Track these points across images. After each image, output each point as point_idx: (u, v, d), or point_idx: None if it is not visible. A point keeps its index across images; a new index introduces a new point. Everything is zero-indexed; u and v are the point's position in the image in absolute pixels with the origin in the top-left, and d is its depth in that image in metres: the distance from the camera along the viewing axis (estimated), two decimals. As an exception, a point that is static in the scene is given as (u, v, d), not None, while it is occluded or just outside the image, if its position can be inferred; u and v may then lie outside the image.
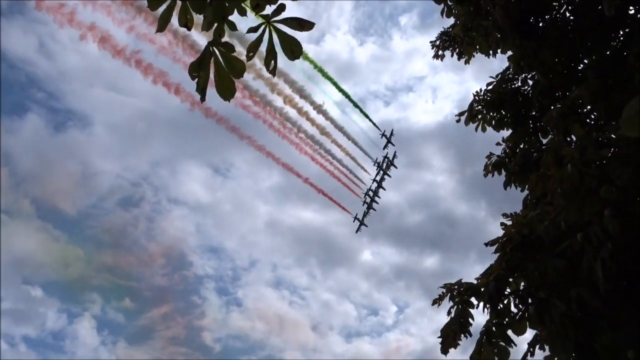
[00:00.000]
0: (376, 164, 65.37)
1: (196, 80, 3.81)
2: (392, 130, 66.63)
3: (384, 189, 66.00)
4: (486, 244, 6.86)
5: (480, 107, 10.46)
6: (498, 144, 10.45)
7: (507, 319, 6.47)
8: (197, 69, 3.77)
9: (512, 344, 6.39)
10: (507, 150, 10.22)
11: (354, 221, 65.32)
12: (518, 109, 10.31)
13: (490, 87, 10.65)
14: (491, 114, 10.40)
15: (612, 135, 6.44)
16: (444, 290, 6.76)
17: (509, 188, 9.75)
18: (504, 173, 10.03)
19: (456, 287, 6.70)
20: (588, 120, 7.92)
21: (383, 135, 66.00)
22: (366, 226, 66.11)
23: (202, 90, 3.80)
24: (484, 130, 10.49)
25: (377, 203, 65.62)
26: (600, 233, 4.86)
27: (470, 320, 6.53)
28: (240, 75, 3.68)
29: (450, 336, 6.36)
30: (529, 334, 6.70)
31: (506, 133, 10.54)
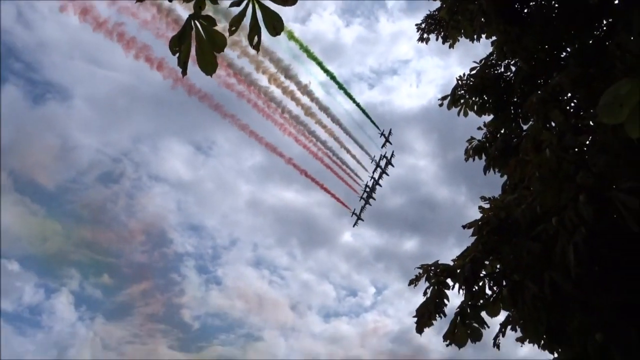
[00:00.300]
0: (374, 161, 66.68)
1: (177, 54, 3.76)
2: (390, 129, 67.88)
3: (380, 185, 67.30)
4: (464, 227, 6.95)
5: (463, 91, 10.53)
6: (479, 128, 10.55)
7: (481, 301, 6.60)
8: (178, 43, 3.70)
9: (485, 326, 6.53)
10: (488, 135, 10.33)
11: (351, 216, 66.88)
12: (500, 95, 10.39)
13: (473, 72, 10.70)
14: (473, 98, 10.47)
15: (591, 123, 6.54)
16: (421, 271, 6.85)
17: (489, 173, 9.87)
18: (484, 157, 10.14)
19: (432, 268, 6.80)
20: (568, 108, 8.01)
21: (382, 134, 67.22)
22: (362, 220, 67.53)
23: (183, 64, 3.75)
24: (466, 114, 10.57)
25: (374, 199, 67.04)
26: (575, 218, 4.95)
27: (446, 301, 6.63)
28: (222, 49, 3.63)
29: (425, 316, 6.47)
30: (503, 316, 6.85)
31: (488, 118, 10.65)
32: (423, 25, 12.84)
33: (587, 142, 6.00)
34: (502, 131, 10.22)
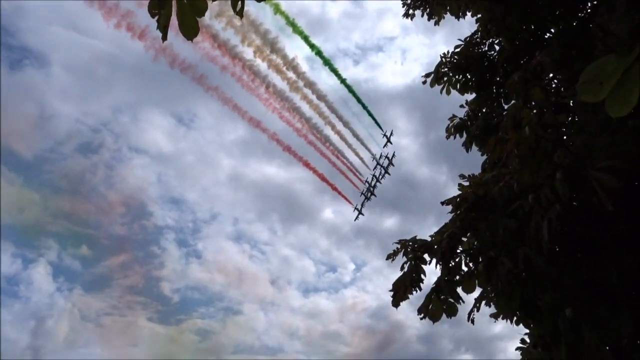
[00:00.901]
0: (374, 160, 68.34)
1: (157, 18, 3.67)
2: (392, 130, 69.95)
3: (380, 182, 68.78)
4: (442, 203, 7.01)
5: (446, 69, 10.53)
6: (461, 106, 10.57)
7: (457, 277, 6.70)
8: (158, 7, 3.61)
9: (461, 301, 6.64)
10: (470, 114, 10.36)
11: (353, 211, 68.21)
12: (483, 74, 10.41)
13: (457, 50, 10.68)
14: (457, 77, 10.48)
15: (571, 103, 6.59)
16: (399, 246, 6.92)
17: (470, 152, 9.95)
18: (465, 135, 10.20)
19: (410, 243, 6.87)
20: (549, 88, 8.07)
21: (384, 135, 68.99)
22: (363, 215, 68.80)
23: (163, 28, 3.65)
24: (448, 92, 10.59)
25: (375, 196, 68.19)
26: (551, 195, 5.02)
27: (422, 276, 6.73)
28: (202, 14, 3.54)
29: (401, 290, 6.56)
30: (478, 292, 6.98)
31: (470, 97, 10.68)
32: (409, 1, 12.72)
33: (567, 122, 6.08)
34: (484, 110, 10.27)
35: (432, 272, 6.79)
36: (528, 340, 7.01)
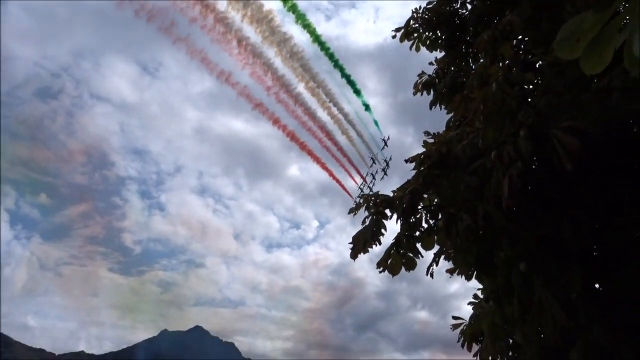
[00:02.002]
0: (372, 161, 69.50)
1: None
2: (388, 136, 71.07)
3: (375, 180, 70.49)
4: (406, 161, 7.01)
5: (417, 25, 10.38)
6: (430, 63, 10.50)
7: (417, 233, 6.78)
8: None
9: (420, 255, 6.75)
10: (438, 71, 10.31)
11: (354, 204, 69.60)
12: (453, 32, 10.31)
13: (429, 7, 10.51)
14: (427, 33, 10.35)
15: (538, 64, 6.60)
16: (361, 201, 6.93)
17: (436, 110, 9.93)
18: (432, 93, 10.17)
19: (373, 198, 6.88)
20: (517, 48, 8.05)
21: (383, 139, 69.94)
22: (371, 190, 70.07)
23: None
24: (417, 49, 10.48)
25: (372, 191, 69.29)
26: (513, 153, 5.05)
27: (383, 230, 6.77)
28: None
29: (361, 243, 6.60)
30: (437, 250, 7.09)
31: (440, 55, 10.59)
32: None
33: (533, 82, 6.08)
34: (452, 69, 10.22)
35: (393, 231, 6.84)
36: (481, 296, 7.23)
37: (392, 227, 6.83)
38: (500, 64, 6.20)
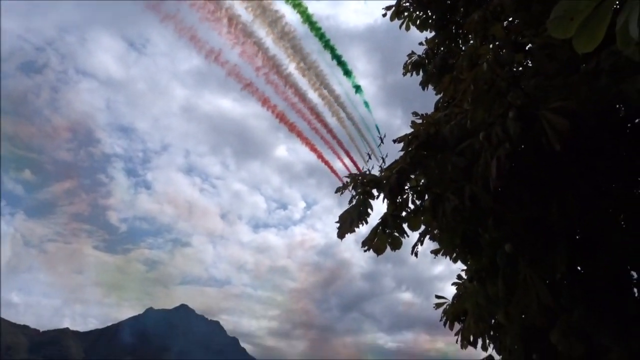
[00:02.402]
0: (368, 156, 69.63)
1: None
2: (385, 134, 71.37)
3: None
4: (394, 141, 6.97)
5: (407, 4, 10.28)
6: (420, 44, 10.42)
7: (404, 213, 6.79)
8: None
9: (405, 235, 6.76)
10: (428, 52, 10.24)
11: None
12: (444, 12, 10.21)
13: (421, -15, 10.39)
14: (417, 12, 10.26)
15: (528, 46, 6.56)
16: (349, 180, 6.91)
17: (426, 89, 9.89)
18: (422, 74, 10.11)
19: (360, 178, 6.86)
20: (508, 30, 7.99)
21: (380, 137, 70.20)
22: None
23: None
24: (407, 28, 10.39)
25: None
26: (502, 134, 5.04)
27: (370, 210, 6.76)
28: None
29: (347, 222, 6.58)
30: (423, 229, 7.11)
31: (430, 35, 10.51)
32: None
33: (523, 63, 6.05)
34: (442, 49, 10.15)
35: (380, 212, 6.82)
36: (465, 277, 7.29)
37: (380, 208, 6.83)
38: (491, 45, 6.15)
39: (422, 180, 6.75)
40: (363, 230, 6.87)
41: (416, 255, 6.83)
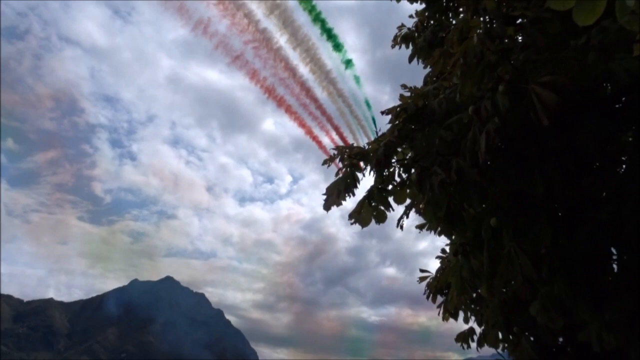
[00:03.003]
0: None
1: None
2: (380, 128, 70.44)
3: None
4: (382, 112, 6.93)
5: (398, -25, 10.10)
6: (410, 16, 10.29)
7: (390, 186, 6.79)
8: None
9: (391, 209, 6.78)
10: (418, 25, 10.12)
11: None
12: (435, -16, 10.07)
13: (412, -44, 10.20)
14: (408, -17, 10.09)
15: (519, 21, 6.49)
16: (336, 152, 6.87)
17: (415, 62, 9.80)
18: (411, 47, 10.00)
19: (347, 150, 6.83)
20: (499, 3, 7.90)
21: (376, 131, 68.50)
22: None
23: None
24: (398, 0, 10.24)
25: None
26: (491, 108, 5.02)
27: (357, 183, 6.76)
28: None
29: (334, 194, 6.57)
30: (408, 203, 7.12)
31: (420, 7, 10.36)
32: None
33: (514, 36, 5.99)
34: (432, 23, 10.04)
35: (366, 186, 6.81)
36: (449, 251, 7.36)
37: (366, 183, 6.82)
38: (482, 18, 6.07)
39: (410, 154, 6.74)
40: (348, 205, 6.88)
41: (402, 228, 6.86)
